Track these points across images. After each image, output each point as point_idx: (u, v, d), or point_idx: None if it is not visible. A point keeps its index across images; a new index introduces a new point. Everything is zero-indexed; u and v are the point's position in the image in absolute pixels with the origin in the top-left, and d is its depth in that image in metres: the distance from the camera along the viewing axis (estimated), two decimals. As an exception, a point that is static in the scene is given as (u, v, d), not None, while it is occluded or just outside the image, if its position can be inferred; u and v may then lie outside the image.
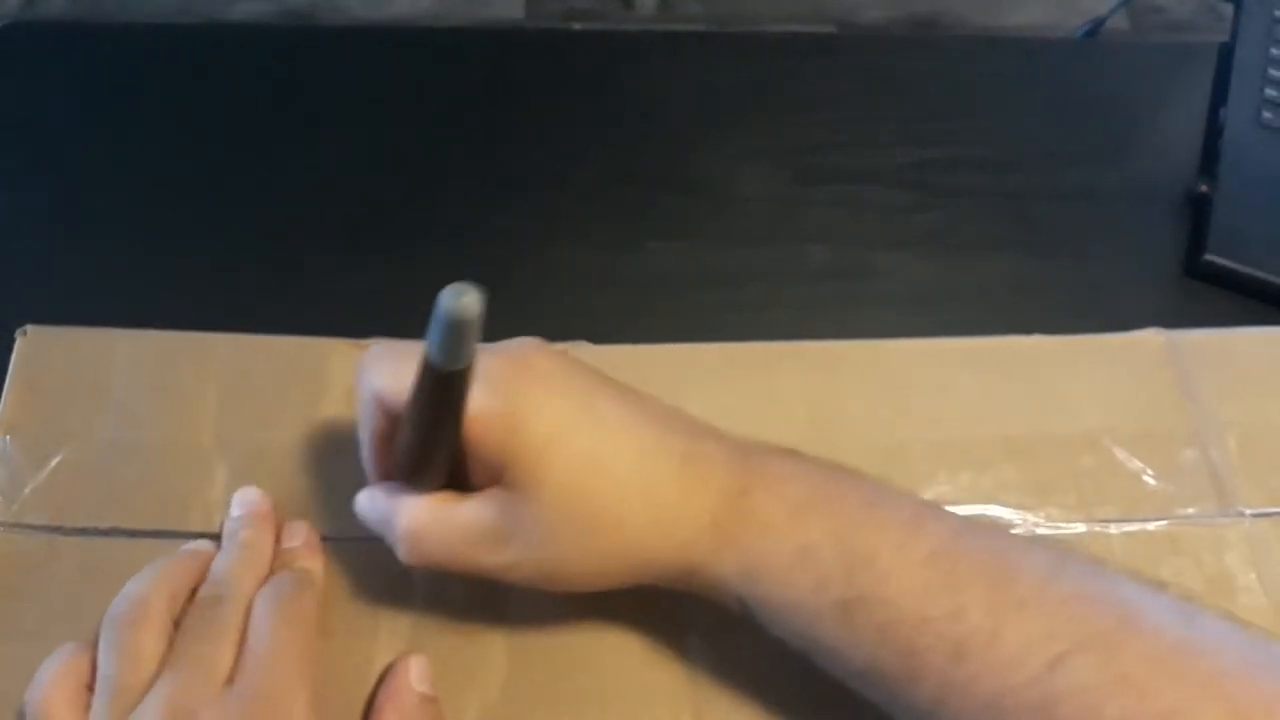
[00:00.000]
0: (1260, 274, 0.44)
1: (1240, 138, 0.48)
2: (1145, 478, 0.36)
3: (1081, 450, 0.36)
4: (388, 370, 0.30)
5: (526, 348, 0.31)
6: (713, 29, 1.17)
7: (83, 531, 0.34)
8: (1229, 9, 0.55)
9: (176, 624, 0.30)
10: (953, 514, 0.30)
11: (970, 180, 0.48)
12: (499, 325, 0.39)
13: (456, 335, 0.24)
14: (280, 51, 0.52)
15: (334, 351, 0.38)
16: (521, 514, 0.29)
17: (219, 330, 0.39)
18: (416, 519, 0.30)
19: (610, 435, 0.29)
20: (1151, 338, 0.39)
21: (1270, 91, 0.50)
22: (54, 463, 0.35)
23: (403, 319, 0.39)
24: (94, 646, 0.30)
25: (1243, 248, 0.44)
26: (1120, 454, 0.36)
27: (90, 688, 0.29)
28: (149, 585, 0.31)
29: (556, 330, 0.39)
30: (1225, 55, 0.52)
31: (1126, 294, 0.44)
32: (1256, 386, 0.38)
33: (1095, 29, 0.71)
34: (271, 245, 0.44)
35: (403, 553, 0.30)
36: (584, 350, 0.38)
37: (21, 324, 0.39)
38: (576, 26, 1.18)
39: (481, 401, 0.28)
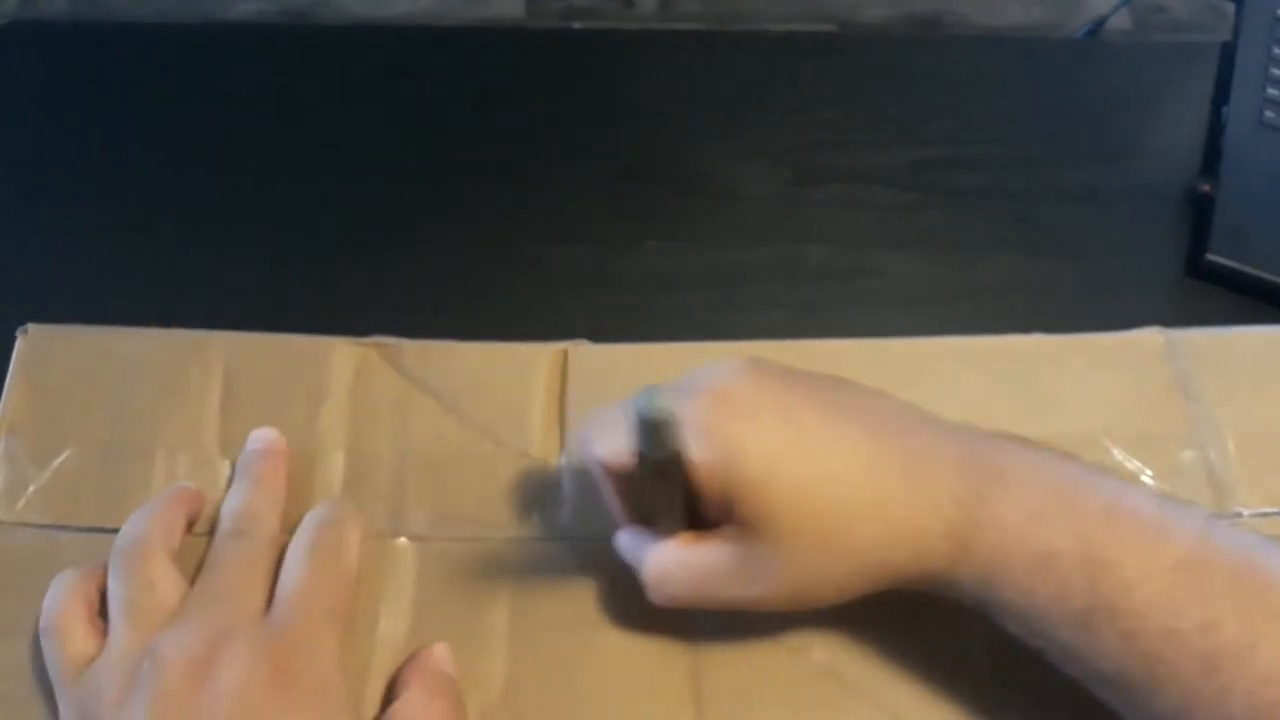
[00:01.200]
0: (1262, 273, 0.44)
1: (1242, 137, 0.48)
2: (1144, 478, 0.36)
3: (1080, 450, 0.36)
4: (606, 440, 0.30)
5: (725, 377, 0.30)
6: (713, 28, 1.17)
7: (85, 530, 0.34)
8: (1231, 8, 0.55)
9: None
10: (1197, 512, 0.29)
11: (971, 180, 0.48)
12: (499, 324, 0.40)
13: (655, 434, 0.26)
14: (280, 50, 0.52)
15: (336, 349, 0.38)
16: (757, 549, 0.29)
17: (220, 329, 0.39)
18: (661, 565, 0.30)
19: (826, 456, 0.29)
20: (1150, 337, 0.39)
21: (1272, 91, 0.50)
22: (56, 462, 0.35)
23: (403, 317, 0.39)
24: (98, 576, 0.31)
25: (1244, 247, 0.44)
26: (1119, 454, 0.36)
27: (101, 613, 0.31)
28: (145, 523, 0.32)
29: (556, 330, 0.40)
30: (1227, 54, 0.52)
31: (1128, 293, 0.44)
32: (1255, 387, 0.38)
33: (1097, 28, 0.71)
34: (271, 244, 0.44)
35: (651, 596, 0.31)
36: (584, 350, 0.38)
37: (22, 323, 0.39)
38: (577, 25, 1.18)
39: (694, 450, 0.28)
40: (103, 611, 0.31)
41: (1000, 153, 0.49)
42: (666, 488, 0.29)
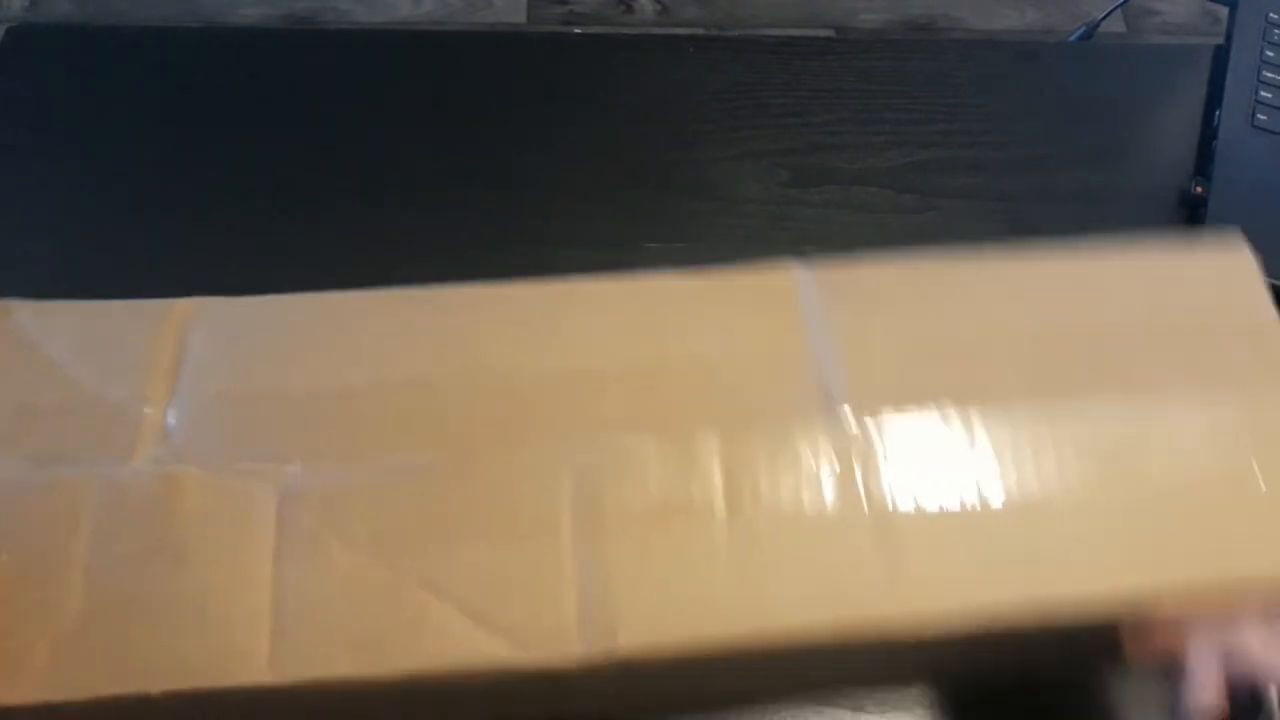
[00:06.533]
0: (1253, 274, 0.44)
1: (1234, 139, 0.49)
2: (747, 396, 0.35)
3: (696, 375, 0.35)
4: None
5: None
6: (711, 33, 1.17)
7: None
8: (1224, 12, 0.56)
9: None
10: None
11: (965, 182, 0.48)
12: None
13: None
14: (283, 55, 0.52)
15: None
16: None
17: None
18: None
19: None
20: (782, 272, 0.38)
21: (1264, 94, 0.51)
22: None
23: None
24: None
25: (1236, 248, 0.45)
26: (736, 378, 0.35)
27: None
28: None
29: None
30: (1220, 58, 0.53)
31: (1121, 293, 0.45)
32: (876, 313, 0.37)
33: (1091, 31, 0.71)
34: (274, 246, 0.45)
35: None
36: (209, 303, 0.37)
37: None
38: (577, 30, 1.18)
39: None
40: None
41: (995, 155, 0.49)
42: None
